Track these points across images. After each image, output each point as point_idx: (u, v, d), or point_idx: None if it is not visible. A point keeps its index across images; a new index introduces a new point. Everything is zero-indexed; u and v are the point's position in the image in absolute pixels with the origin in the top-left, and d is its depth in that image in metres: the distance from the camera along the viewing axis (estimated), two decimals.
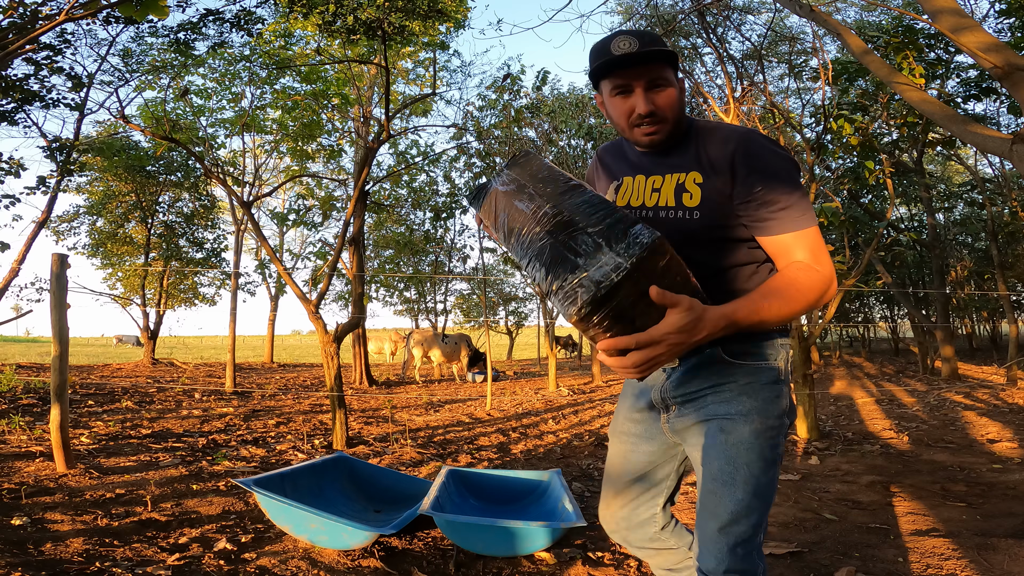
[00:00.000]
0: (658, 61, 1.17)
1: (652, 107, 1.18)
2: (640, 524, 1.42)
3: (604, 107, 1.29)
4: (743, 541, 1.15)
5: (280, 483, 2.74)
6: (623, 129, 1.25)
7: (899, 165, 10.62)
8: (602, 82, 1.24)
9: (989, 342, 21.49)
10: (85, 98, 7.66)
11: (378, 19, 5.14)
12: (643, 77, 1.17)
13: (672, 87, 1.20)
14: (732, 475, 1.16)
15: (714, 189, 1.19)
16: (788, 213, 1.15)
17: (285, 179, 14.53)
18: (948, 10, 2.75)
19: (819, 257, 1.15)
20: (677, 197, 1.23)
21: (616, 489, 1.44)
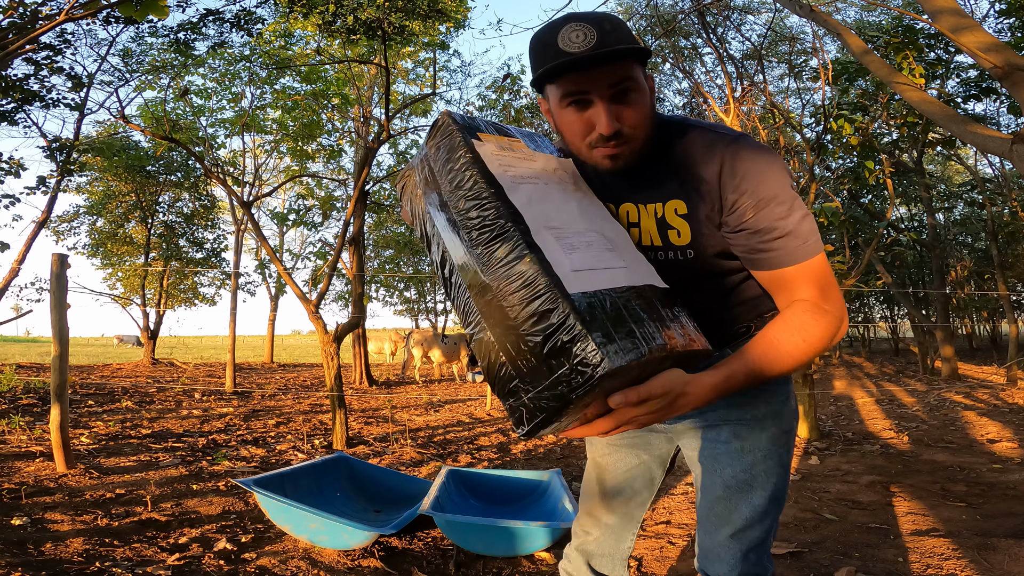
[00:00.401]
0: (625, 59, 0.88)
1: (618, 125, 0.90)
2: (622, 538, 1.27)
3: (551, 117, 1.00)
4: (756, 546, 1.10)
5: (280, 483, 2.74)
6: (578, 150, 0.97)
7: (899, 165, 10.62)
8: (548, 86, 0.94)
9: (989, 342, 21.50)
10: (85, 98, 7.66)
11: (378, 19, 5.14)
12: (604, 82, 0.88)
13: (643, 92, 0.92)
14: (749, 482, 1.08)
15: (702, 219, 0.98)
16: (787, 242, 0.92)
17: (285, 179, 14.53)
18: (948, 10, 2.75)
19: (827, 293, 0.94)
20: (662, 235, 1.01)
21: (603, 489, 1.26)
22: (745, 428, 1.09)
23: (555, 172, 1.00)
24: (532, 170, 0.96)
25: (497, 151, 0.93)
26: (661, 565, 2.44)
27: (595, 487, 1.26)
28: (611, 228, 0.96)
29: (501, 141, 0.97)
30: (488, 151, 0.91)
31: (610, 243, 0.91)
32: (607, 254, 0.88)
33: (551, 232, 0.83)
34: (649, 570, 2.41)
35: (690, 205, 0.97)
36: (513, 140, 1.00)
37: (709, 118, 6.48)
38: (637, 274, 0.89)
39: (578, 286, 0.77)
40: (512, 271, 0.78)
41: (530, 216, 0.84)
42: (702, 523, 1.15)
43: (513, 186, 0.88)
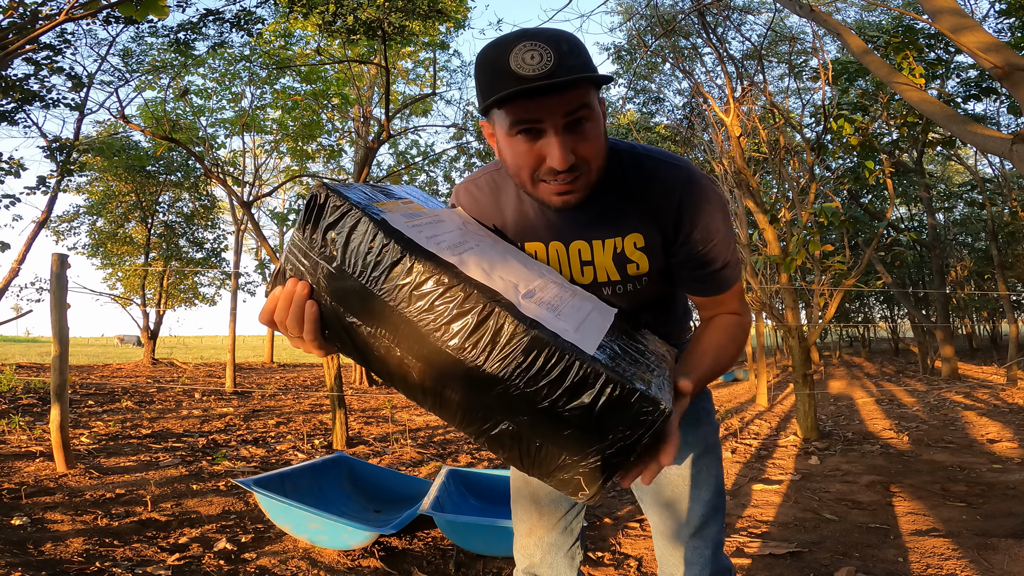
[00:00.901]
0: (583, 85, 0.80)
1: (572, 158, 0.81)
2: (569, 554, 1.22)
3: (495, 143, 0.90)
4: (718, 542, 1.13)
5: (280, 483, 2.74)
6: (523, 182, 0.87)
7: (899, 165, 10.62)
8: (494, 110, 0.83)
9: (989, 342, 21.50)
10: (85, 98, 7.66)
11: (378, 19, 5.14)
12: (559, 111, 0.79)
13: (598, 120, 0.84)
14: (695, 478, 1.11)
15: (659, 250, 0.98)
16: (725, 273, 0.99)
17: (285, 179, 14.52)
18: (948, 10, 2.75)
19: (743, 302, 1.05)
20: (620, 269, 0.99)
21: (540, 508, 1.20)
22: (681, 427, 1.09)
23: (468, 226, 0.92)
24: (454, 231, 0.84)
25: (408, 220, 0.78)
26: None
27: (530, 506, 1.21)
28: (547, 268, 0.94)
29: (398, 206, 0.82)
30: (403, 223, 0.76)
31: (565, 287, 0.88)
32: (575, 300, 0.84)
33: (528, 299, 0.75)
34: (649, 570, 2.41)
35: (647, 237, 0.97)
36: (406, 201, 0.86)
37: (709, 118, 6.48)
38: (601, 309, 0.88)
39: (590, 344, 0.73)
40: (520, 353, 0.68)
41: (500, 287, 0.73)
42: (660, 531, 1.15)
43: (459, 259, 0.75)
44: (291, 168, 13.90)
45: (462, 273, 0.72)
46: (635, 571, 2.41)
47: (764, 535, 2.79)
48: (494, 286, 0.73)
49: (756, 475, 3.95)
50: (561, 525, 1.20)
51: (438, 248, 0.75)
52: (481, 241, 0.87)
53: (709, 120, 6.54)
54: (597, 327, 0.80)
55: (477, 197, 1.04)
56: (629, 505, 3.27)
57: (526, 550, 1.23)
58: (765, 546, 2.60)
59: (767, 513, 3.13)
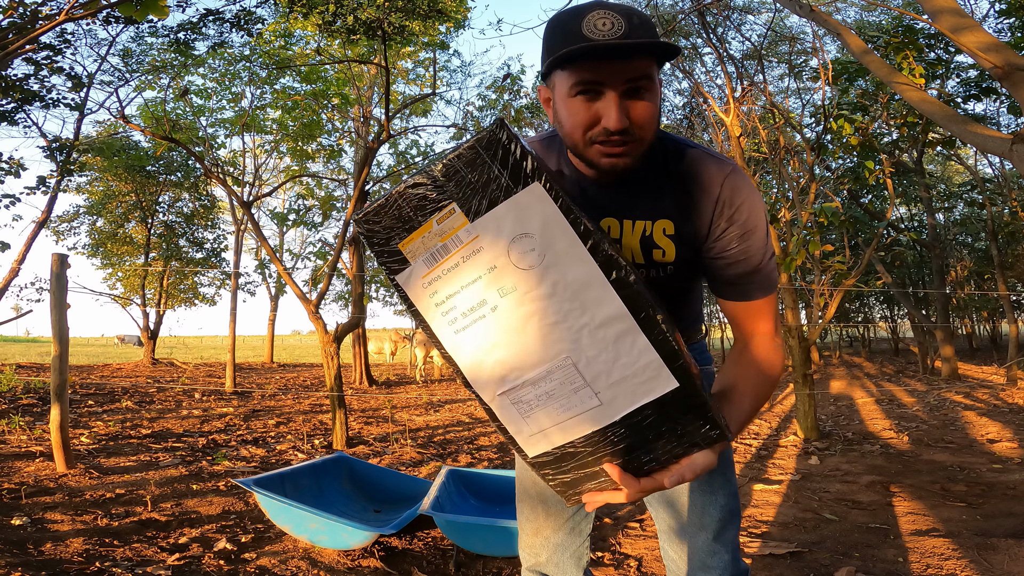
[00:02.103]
0: (647, 54, 0.83)
1: (627, 122, 0.83)
2: (576, 554, 1.21)
3: (551, 106, 0.92)
4: (736, 546, 1.13)
5: (280, 483, 2.74)
6: (575, 143, 0.89)
7: (899, 165, 10.62)
8: (557, 72, 0.86)
9: (989, 342, 21.50)
10: (85, 98, 7.66)
11: (378, 19, 5.14)
12: (622, 76, 0.82)
13: (656, 94, 0.87)
14: (710, 483, 1.10)
15: (689, 241, 0.98)
16: (757, 277, 0.97)
17: (285, 179, 14.53)
18: (948, 10, 2.75)
19: (777, 324, 1.02)
20: (646, 253, 0.99)
21: (548, 508, 1.19)
22: None
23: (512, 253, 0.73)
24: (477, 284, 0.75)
25: (428, 270, 0.75)
26: (661, 565, 2.44)
27: (538, 506, 1.20)
28: (574, 341, 0.75)
29: (430, 241, 0.75)
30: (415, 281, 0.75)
31: (575, 377, 0.76)
32: (576, 394, 0.77)
33: (505, 394, 0.77)
34: (649, 570, 2.41)
35: (678, 226, 0.97)
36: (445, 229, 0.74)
37: (709, 118, 6.48)
38: (599, 411, 0.79)
39: (535, 450, 0.81)
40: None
41: (484, 377, 0.77)
42: (674, 535, 1.14)
43: (455, 340, 0.77)
44: (291, 168, 13.90)
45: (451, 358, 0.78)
46: (635, 571, 2.41)
47: (764, 535, 2.79)
48: (479, 373, 0.76)
49: (756, 475, 3.95)
50: (568, 525, 1.19)
51: (438, 322, 0.76)
52: (510, 294, 0.74)
53: (709, 120, 6.54)
54: (574, 428, 0.78)
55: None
56: (629, 505, 3.27)
57: (532, 549, 1.21)
58: (765, 546, 2.60)
59: (767, 513, 3.13)
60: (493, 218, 0.73)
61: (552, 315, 0.74)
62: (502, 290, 0.74)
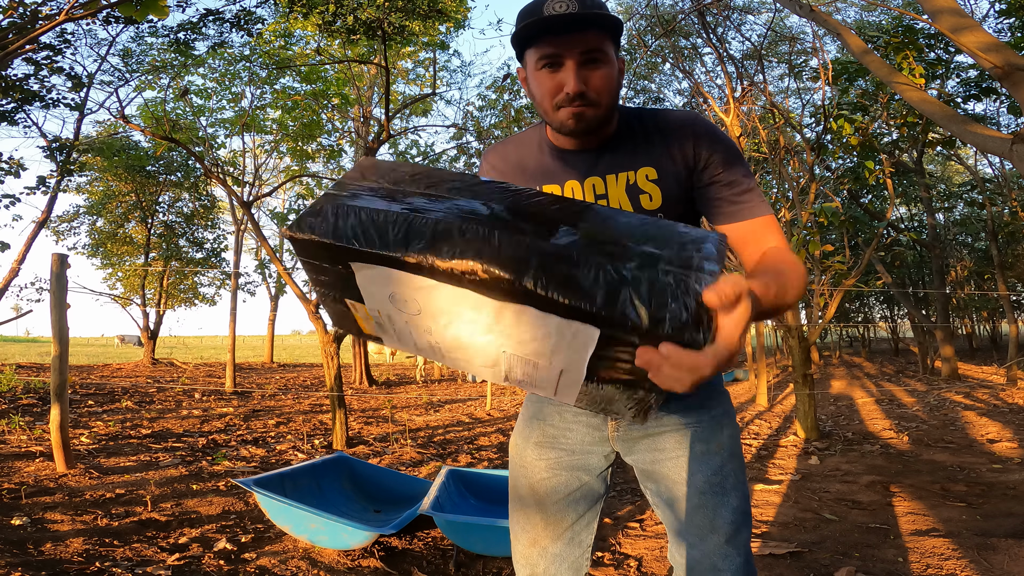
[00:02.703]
0: (598, 29, 0.96)
1: (583, 87, 0.96)
2: (575, 565, 1.15)
3: (526, 84, 1.05)
4: (748, 548, 1.09)
5: (280, 483, 2.74)
6: (546, 111, 1.02)
7: (899, 165, 10.62)
8: (528, 51, 1.01)
9: (989, 342, 21.50)
10: (85, 98, 7.66)
11: (378, 19, 5.14)
12: (577, 47, 0.95)
13: (610, 65, 0.99)
14: (722, 484, 1.07)
15: (673, 183, 1.05)
16: (754, 196, 1.04)
17: (285, 179, 14.52)
18: (948, 10, 2.75)
19: (788, 245, 1.03)
20: (633, 200, 1.05)
21: (547, 517, 1.13)
22: (706, 430, 1.09)
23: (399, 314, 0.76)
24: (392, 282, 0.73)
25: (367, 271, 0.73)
26: (661, 565, 2.44)
27: (535, 514, 1.15)
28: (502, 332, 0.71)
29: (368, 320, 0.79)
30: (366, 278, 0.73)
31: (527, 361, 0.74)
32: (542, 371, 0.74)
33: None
34: (649, 570, 2.41)
35: (660, 170, 1.05)
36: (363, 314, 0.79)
37: (709, 118, 6.48)
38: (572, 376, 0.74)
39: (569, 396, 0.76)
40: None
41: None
42: (682, 537, 1.09)
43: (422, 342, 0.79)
44: (291, 168, 13.90)
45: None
46: (635, 571, 2.41)
47: (764, 535, 2.79)
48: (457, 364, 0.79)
49: (756, 475, 3.95)
50: (568, 535, 1.13)
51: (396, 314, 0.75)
52: (435, 331, 0.75)
53: (709, 120, 6.54)
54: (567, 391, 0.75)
55: (504, 155, 1.17)
56: (629, 505, 3.27)
57: (528, 559, 1.15)
58: (765, 546, 2.60)
59: (767, 513, 3.13)
60: (368, 296, 0.75)
61: (464, 335, 0.73)
62: (428, 330, 0.75)
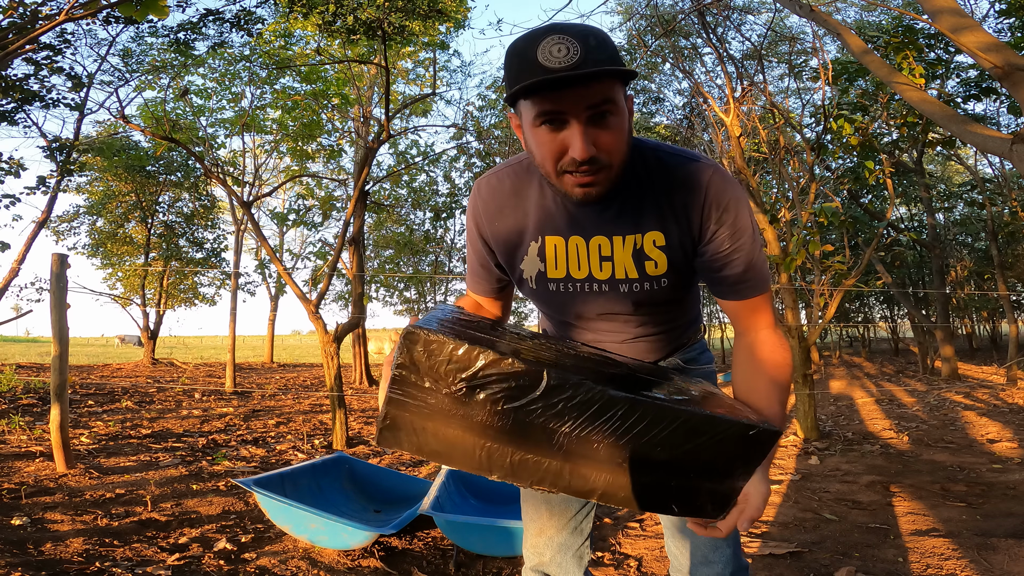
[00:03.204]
0: (608, 78, 0.81)
1: (594, 151, 0.83)
2: (578, 554, 1.23)
3: (521, 135, 0.91)
4: (738, 541, 1.16)
5: (280, 483, 2.74)
6: (548, 173, 0.88)
7: (899, 165, 10.62)
8: (521, 101, 0.85)
9: (989, 342, 21.49)
10: (85, 98, 7.65)
11: (378, 19, 5.14)
12: (583, 103, 0.80)
13: (621, 116, 0.85)
14: None
15: (679, 252, 0.98)
16: (756, 274, 0.99)
17: (285, 179, 14.53)
18: (948, 10, 2.75)
19: (775, 316, 1.05)
20: (639, 267, 0.99)
21: (551, 508, 1.20)
22: None
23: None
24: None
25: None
26: (661, 565, 2.44)
27: (541, 507, 1.22)
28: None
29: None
30: None
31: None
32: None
33: None
34: (649, 570, 2.41)
35: (668, 236, 0.97)
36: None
37: (709, 118, 6.48)
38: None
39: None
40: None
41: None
42: (678, 530, 1.17)
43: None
44: (291, 168, 13.90)
45: None
46: (635, 571, 2.41)
47: (764, 535, 2.79)
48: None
49: None
50: (571, 525, 1.21)
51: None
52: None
53: (709, 120, 6.54)
54: None
55: (498, 191, 1.05)
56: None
57: (536, 549, 1.23)
58: (765, 546, 2.60)
59: (767, 513, 3.13)
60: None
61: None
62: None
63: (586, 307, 1.07)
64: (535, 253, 1.02)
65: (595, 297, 1.03)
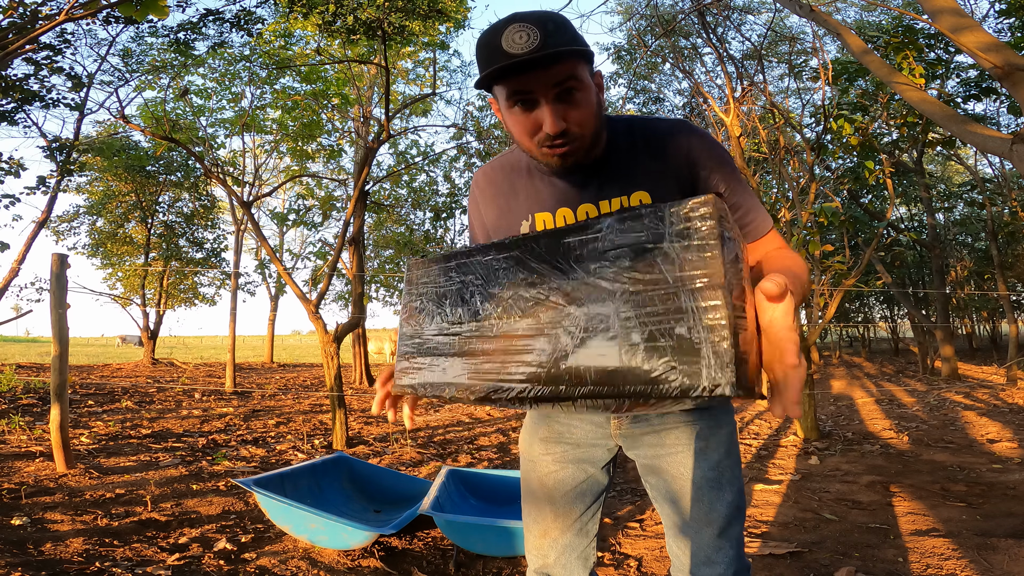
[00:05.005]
0: (569, 58, 0.89)
1: (564, 124, 0.90)
2: (583, 555, 1.22)
3: (501, 116, 1.00)
4: (740, 542, 1.15)
5: (280, 483, 2.74)
6: (527, 148, 0.97)
7: (899, 165, 10.62)
8: (495, 87, 0.94)
9: (989, 342, 21.50)
10: (85, 98, 7.66)
11: (378, 19, 5.15)
12: (548, 82, 0.88)
13: (588, 90, 0.92)
14: (718, 479, 1.11)
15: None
16: (756, 214, 1.02)
17: (285, 179, 14.52)
18: (948, 10, 2.75)
19: (788, 244, 1.06)
20: None
21: (556, 509, 1.20)
22: (706, 427, 1.12)
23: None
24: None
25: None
26: (661, 565, 2.44)
27: (545, 507, 1.21)
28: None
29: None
30: None
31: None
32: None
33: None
34: (649, 570, 2.41)
35: (655, 193, 1.00)
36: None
37: (709, 118, 6.48)
38: None
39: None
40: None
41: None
42: (680, 530, 1.15)
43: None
44: (291, 168, 13.91)
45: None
46: (635, 571, 2.40)
47: (764, 535, 2.79)
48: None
49: (756, 475, 3.95)
50: (576, 526, 1.20)
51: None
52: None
53: (709, 120, 6.54)
54: None
55: (493, 180, 1.14)
56: (629, 505, 3.27)
57: (540, 550, 1.21)
58: (765, 546, 2.60)
59: (767, 513, 3.13)
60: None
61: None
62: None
63: None
64: (527, 231, 1.07)
65: None
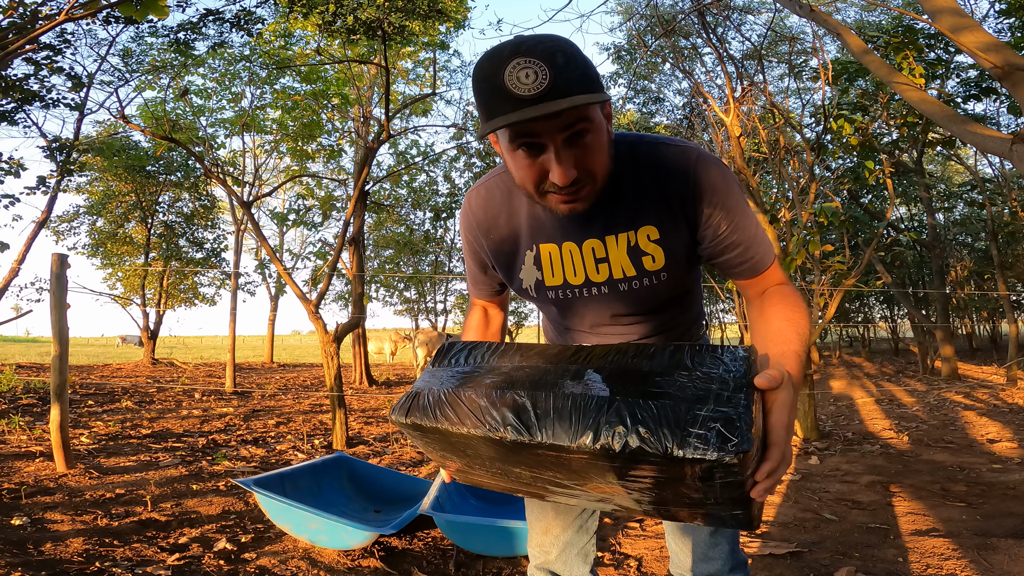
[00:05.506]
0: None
1: (574, 173, 0.82)
2: (583, 551, 1.23)
3: (501, 153, 0.90)
4: (736, 538, 1.18)
5: (280, 483, 2.74)
6: (529, 193, 0.88)
7: (899, 165, 10.62)
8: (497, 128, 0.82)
9: (989, 342, 21.48)
10: (85, 98, 7.65)
11: (378, 19, 5.15)
12: (557, 127, 0.78)
13: (599, 130, 0.83)
14: None
15: (675, 240, 0.96)
16: (759, 249, 0.98)
17: (285, 179, 14.53)
18: (948, 10, 2.75)
19: (786, 276, 1.04)
20: (636, 264, 0.97)
21: (557, 507, 1.21)
22: None
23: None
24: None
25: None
26: (661, 565, 2.44)
27: (547, 505, 1.22)
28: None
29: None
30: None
31: None
32: None
33: None
34: (649, 570, 2.41)
35: (661, 228, 0.95)
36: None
37: (709, 118, 6.48)
38: None
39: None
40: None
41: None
42: (677, 528, 1.18)
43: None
44: (291, 168, 13.90)
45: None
46: (635, 571, 2.40)
47: (764, 535, 2.79)
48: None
49: None
50: (577, 524, 1.22)
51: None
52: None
53: (709, 120, 6.54)
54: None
55: (488, 201, 1.05)
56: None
57: (541, 547, 1.23)
58: (765, 546, 2.60)
59: (767, 513, 3.13)
60: None
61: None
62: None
63: (587, 311, 1.07)
64: (531, 262, 1.03)
65: (595, 301, 1.04)
